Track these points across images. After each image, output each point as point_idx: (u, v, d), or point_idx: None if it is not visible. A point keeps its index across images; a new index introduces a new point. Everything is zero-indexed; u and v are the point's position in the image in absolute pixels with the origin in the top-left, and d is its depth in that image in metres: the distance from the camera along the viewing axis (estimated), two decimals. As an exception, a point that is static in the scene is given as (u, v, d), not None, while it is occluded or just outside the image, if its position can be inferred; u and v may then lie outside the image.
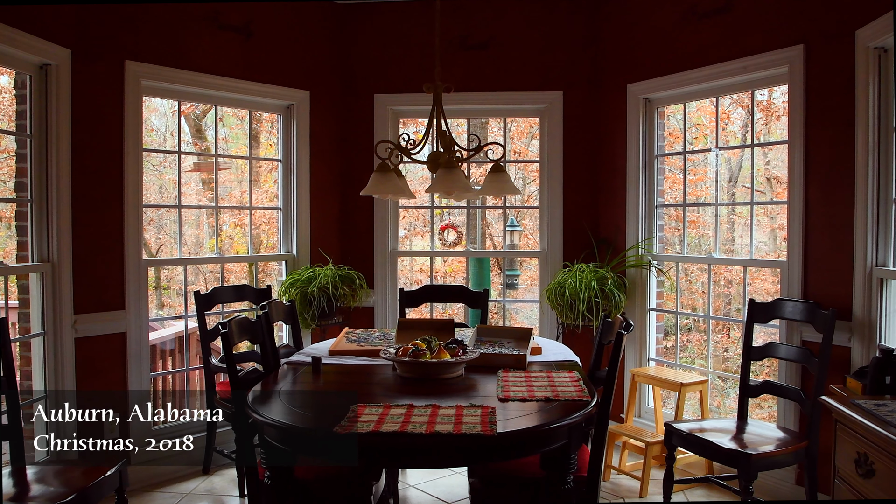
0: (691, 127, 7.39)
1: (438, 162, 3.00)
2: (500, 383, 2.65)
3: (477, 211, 8.85)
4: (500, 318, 9.46)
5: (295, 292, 4.27)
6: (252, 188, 4.85)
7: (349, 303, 4.43)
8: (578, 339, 4.35)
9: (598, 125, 4.62)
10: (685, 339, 7.78)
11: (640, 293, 4.43)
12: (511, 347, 3.12)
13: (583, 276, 4.18)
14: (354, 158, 4.77)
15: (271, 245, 8.33)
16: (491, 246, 9.88)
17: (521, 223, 9.44)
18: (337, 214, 4.82)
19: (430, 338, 2.87)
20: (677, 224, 5.40)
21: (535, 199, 9.44)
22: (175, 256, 4.64)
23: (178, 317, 4.44)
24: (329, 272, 4.35)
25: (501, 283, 9.20)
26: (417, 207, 8.06)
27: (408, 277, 9.78)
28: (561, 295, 4.19)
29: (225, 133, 8.25)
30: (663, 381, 3.96)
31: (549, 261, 4.68)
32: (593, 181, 4.66)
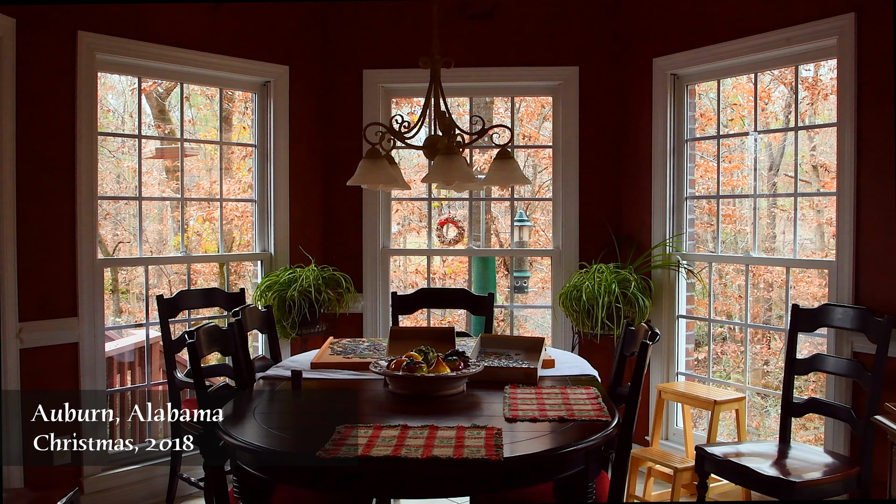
0: (726, 107, 7.39)
1: (436, 147, 3.00)
2: (507, 401, 2.65)
3: (481, 204, 8.83)
4: (506, 327, 9.45)
5: (272, 297, 4.27)
6: (223, 177, 4.85)
7: (334, 309, 4.43)
8: (597, 351, 4.36)
9: (620, 105, 4.62)
10: (719, 351, 7.79)
11: (668, 298, 4.44)
12: (520, 360, 3.12)
13: (602, 279, 4.17)
14: (340, 143, 4.77)
15: (245, 242, 8.32)
16: (497, 244, 9.88)
17: (531, 217, 9.45)
18: (320, 208, 4.82)
19: (427, 349, 2.87)
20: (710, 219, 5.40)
21: (547, 189, 9.46)
22: (135, 255, 4.64)
23: (138, 325, 4.44)
24: (311, 274, 4.34)
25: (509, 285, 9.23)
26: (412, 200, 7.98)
27: (401, 280, 9.78)
28: (577, 300, 4.19)
29: (192, 114, 8.25)
30: (694, 398, 3.96)
31: (564, 261, 4.68)
32: (614, 170, 4.65)
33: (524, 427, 2.39)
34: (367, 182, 3.00)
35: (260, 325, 3.49)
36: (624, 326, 3.07)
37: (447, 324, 9.93)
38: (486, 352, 3.23)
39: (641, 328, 2.91)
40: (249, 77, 4.49)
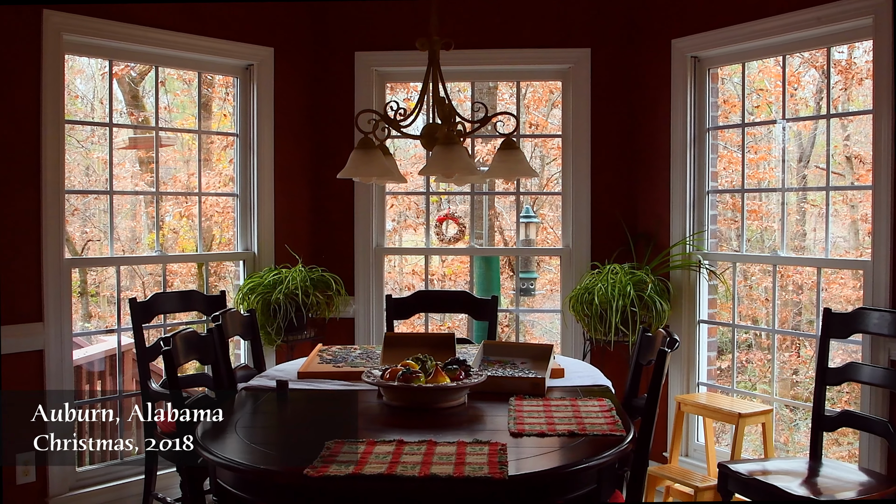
0: (752, 93, 7.39)
1: (435, 137, 3.00)
2: (513, 414, 2.66)
3: (483, 198, 8.85)
4: (511, 333, 9.44)
5: (256, 300, 4.27)
6: (202, 169, 4.85)
7: (323, 313, 4.42)
8: (610, 359, 4.35)
9: (636, 90, 4.62)
10: (744, 359, 7.80)
11: (688, 301, 4.44)
12: (526, 369, 3.12)
13: (616, 280, 4.17)
14: (330, 132, 4.77)
15: (226, 241, 8.33)
16: (501, 242, 9.89)
17: (538, 213, 9.45)
18: (308, 203, 4.81)
19: (425, 357, 2.87)
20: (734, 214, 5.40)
21: (556, 183, 9.46)
22: (105, 255, 4.64)
23: (109, 330, 4.44)
24: (298, 275, 4.35)
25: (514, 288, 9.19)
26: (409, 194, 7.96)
27: (397, 281, 9.78)
28: (588, 303, 4.19)
29: (168, 101, 8.25)
30: (716, 410, 3.96)
31: (574, 260, 4.68)
32: (629, 161, 4.65)
33: (531, 442, 2.39)
34: (360, 174, 3.00)
35: (242, 330, 3.49)
36: (640, 332, 3.07)
37: (447, 330, 9.96)
38: (490, 360, 3.22)
39: (659, 334, 2.91)
40: (231, 60, 4.49)
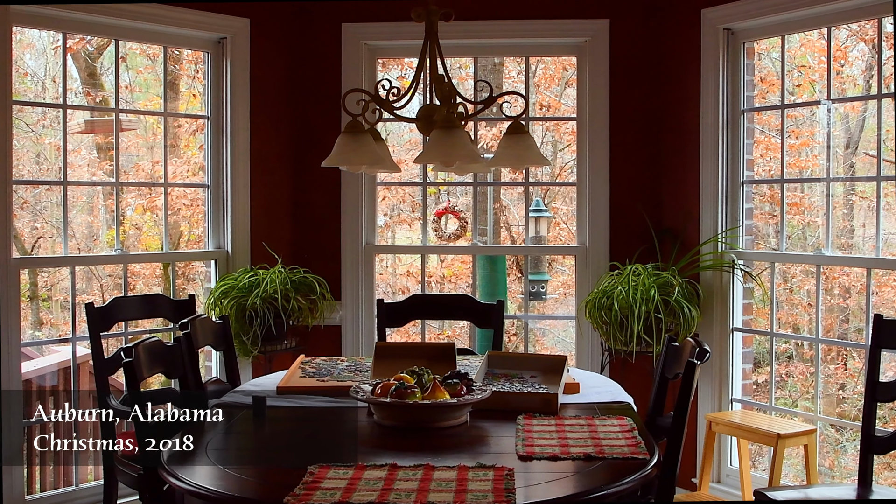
0: (792, 70, 7.39)
1: (433, 119, 2.99)
2: (521, 434, 2.65)
3: (488, 189, 8.83)
4: (520, 342, 9.43)
5: (229, 305, 4.27)
6: (168, 157, 4.84)
7: (306, 320, 4.42)
8: (632, 372, 4.36)
9: (661, 67, 4.61)
10: (784, 372, 7.80)
11: (720, 306, 4.44)
12: (536, 383, 3.12)
13: (638, 283, 4.17)
14: (314, 115, 4.76)
15: (195, 238, 8.32)
16: (508, 239, 9.88)
17: (549, 207, 9.43)
18: (289, 194, 4.81)
19: (422, 370, 2.87)
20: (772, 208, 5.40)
21: (570, 172, 9.45)
22: (59, 254, 4.63)
23: (62, 340, 4.44)
24: (277, 277, 4.34)
25: (522, 291, 9.17)
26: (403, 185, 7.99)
27: (389, 284, 9.77)
28: (607, 309, 4.19)
29: (129, 79, 8.25)
30: (752, 431, 3.96)
31: (591, 260, 4.68)
32: (653, 147, 4.65)
33: (542, 467, 2.38)
34: (347, 162, 2.99)
35: (214, 340, 3.49)
36: (665, 342, 3.07)
37: (446, 339, 9.91)
38: (495, 373, 3.22)
39: (687, 344, 2.91)
40: (200, 32, 4.49)
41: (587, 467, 2.37)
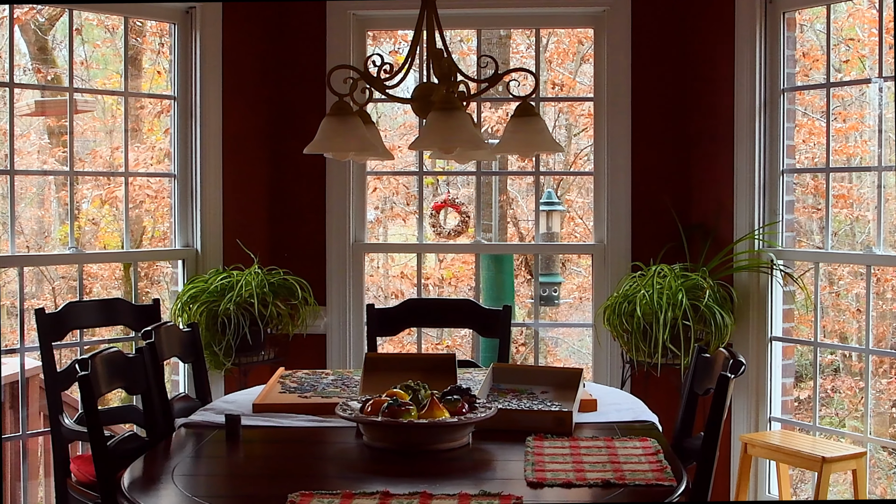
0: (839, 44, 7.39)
1: (430, 100, 2.98)
2: (531, 458, 2.64)
3: (493, 180, 8.79)
4: (529, 353, 9.41)
5: (199, 311, 4.27)
6: (129, 142, 4.84)
7: (286, 328, 4.41)
8: (656, 387, 4.36)
9: (689, 41, 4.61)
10: (829, 388, 7.80)
11: (757, 312, 4.44)
12: (548, 400, 3.12)
13: (664, 286, 4.17)
14: (295, 95, 4.76)
15: (160, 235, 8.31)
16: (516, 236, 9.87)
17: (563, 199, 9.41)
18: (266, 185, 4.80)
19: (418, 384, 2.87)
20: (816, 200, 5.41)
21: (586, 160, 9.45)
22: (5, 253, 4.64)
23: (9, 350, 4.44)
24: (254, 279, 4.34)
25: (532, 295, 9.19)
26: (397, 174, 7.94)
27: (381, 287, 9.75)
28: (629, 315, 4.18)
29: (86, 54, 8.24)
30: (794, 454, 3.96)
31: (610, 260, 4.68)
32: (681, 132, 4.64)
33: (554, 495, 2.37)
34: (333, 149, 2.98)
35: (181, 350, 3.49)
36: (695, 353, 3.06)
37: (445, 349, 9.86)
38: (501, 389, 3.22)
39: (720, 355, 2.90)
40: (166, 1, 4.49)
41: (606, 495, 2.36)
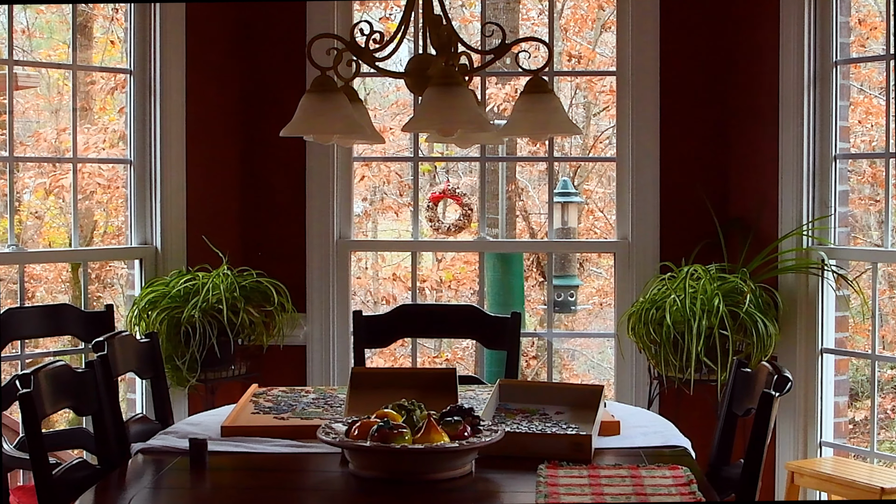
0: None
1: (427, 74, 2.98)
2: (544, 489, 2.61)
3: (500, 167, 8.72)
4: (541, 367, 9.42)
5: (159, 319, 4.27)
6: (79, 123, 4.83)
7: (260, 339, 4.42)
8: (689, 407, 4.36)
9: (727, 5, 4.63)
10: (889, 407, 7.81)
11: (805, 320, 4.44)
12: (563, 422, 3.12)
13: (698, 289, 4.17)
14: (270, 68, 4.77)
15: (114, 230, 8.28)
16: (526, 232, 9.85)
17: (581, 190, 9.38)
18: (237, 173, 4.82)
19: (413, 403, 2.87)
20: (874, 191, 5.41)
21: (607, 144, 9.44)
22: (-67, 252, 4.63)
23: (-61, 365, 4.45)
24: (223, 281, 4.34)
25: (546, 301, 9.19)
26: (388, 160, 7.95)
27: (370, 291, 9.73)
28: (657, 324, 4.19)
29: (28, 21, 8.23)
30: (849, 484, 3.96)
31: (635, 260, 4.70)
32: (718, 111, 4.66)
33: (570, 530, 2.39)
34: (315, 131, 2.98)
35: (138, 364, 3.49)
36: (734, 368, 3.07)
37: (444, 363, 9.80)
38: (509, 409, 3.21)
39: (762, 370, 2.91)
40: (121, -41, 4.49)
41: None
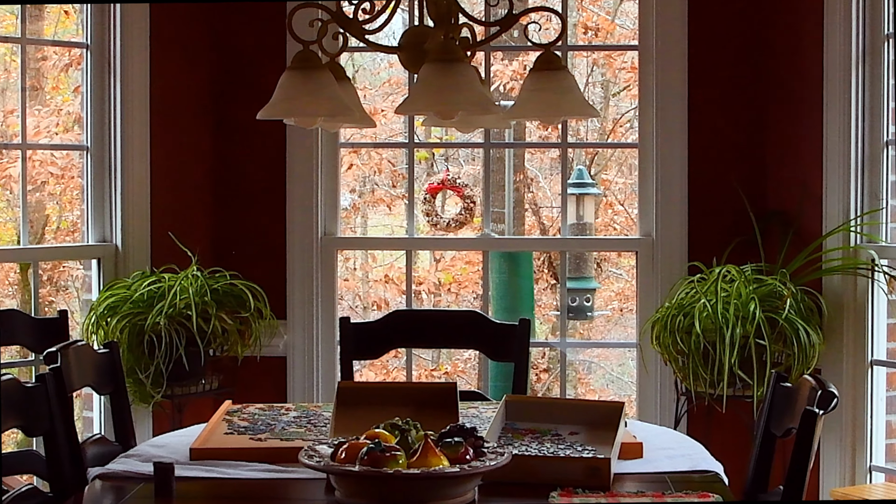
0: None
1: (424, 49, 2.99)
2: (556, 520, 2.65)
3: (506, 154, 8.69)
4: (553, 382, 9.40)
5: (120, 326, 4.27)
6: (28, 105, 4.82)
7: (234, 349, 4.43)
8: (721, 426, 4.37)
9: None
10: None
11: (853, 328, 4.43)
12: (578, 444, 3.12)
13: (731, 293, 4.17)
14: (245, 43, 4.79)
15: (69, 226, 8.29)
16: (535, 228, 9.85)
17: (598, 180, 9.35)
18: (208, 161, 4.84)
19: (407, 423, 2.86)
20: (931, 181, 5.39)
21: (628, 129, 9.42)
22: None
23: None
24: (192, 284, 4.35)
25: (558, 306, 9.19)
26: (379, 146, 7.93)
27: (359, 295, 9.73)
28: (685, 332, 4.19)
29: (-31, -12, 8.23)
30: (901, 514, 3.97)
31: (660, 260, 4.71)
32: (754, 91, 4.67)
33: (586, 568, 2.39)
34: (296, 113, 2.99)
35: (96, 378, 3.48)
36: (772, 382, 3.07)
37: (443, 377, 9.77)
38: (517, 429, 3.22)
39: (804, 385, 2.90)
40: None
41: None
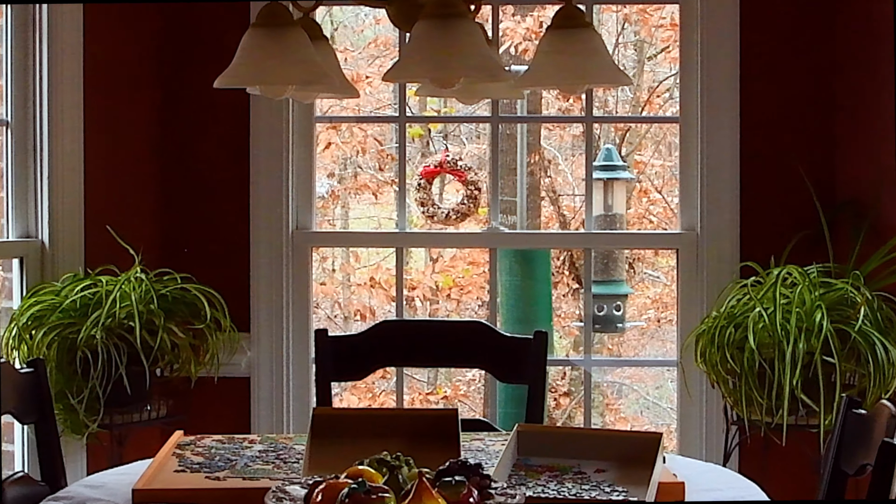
0: None
1: (417, 2, 3.00)
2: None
3: (518, 130, 8.80)
4: (576, 408, 9.45)
5: (47, 340, 4.31)
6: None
7: (186, 367, 4.47)
8: (780, 461, 4.41)
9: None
10: None
11: (941, 343, 4.43)
12: (606, 483, 3.13)
13: (793, 300, 4.20)
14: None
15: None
16: (554, 220, 9.93)
17: (631, 163, 9.41)
18: (156, 141, 4.89)
19: (398, 458, 2.88)
20: None
21: (667, 100, 9.47)
22: None
23: None
24: (135, 289, 4.38)
25: (582, 315, 9.23)
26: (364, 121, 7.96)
27: (339, 302, 9.81)
28: (736, 348, 4.22)
29: None
30: None
31: (706, 259, 4.77)
32: (819, 58, 4.73)
33: None
34: (263, 80, 3.01)
35: (18, 404, 3.52)
36: (842, 408, 3.09)
37: (442, 403, 9.90)
38: (531, 466, 3.24)
39: (882, 412, 2.92)
40: None
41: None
